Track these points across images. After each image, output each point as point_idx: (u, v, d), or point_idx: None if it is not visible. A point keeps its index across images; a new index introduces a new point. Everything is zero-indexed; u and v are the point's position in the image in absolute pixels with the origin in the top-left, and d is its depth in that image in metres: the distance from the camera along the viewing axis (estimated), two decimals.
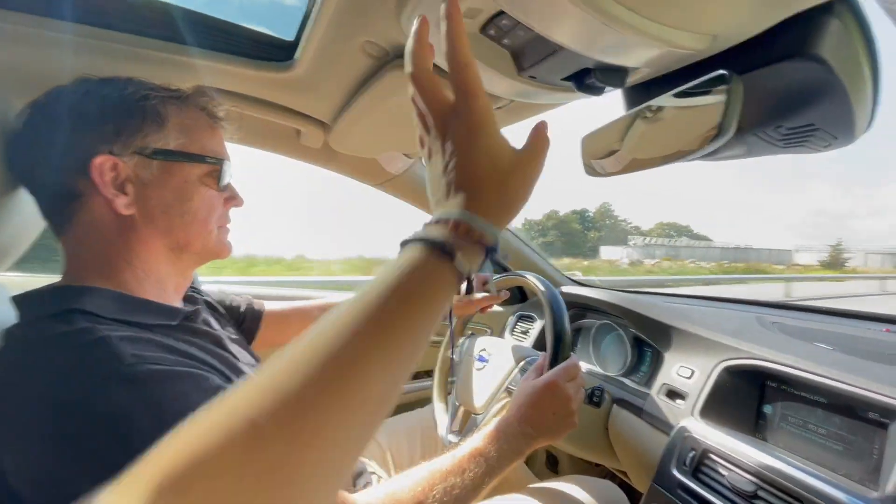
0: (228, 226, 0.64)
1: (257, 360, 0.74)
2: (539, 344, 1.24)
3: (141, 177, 0.54)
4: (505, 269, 1.13)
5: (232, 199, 0.63)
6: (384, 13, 0.50)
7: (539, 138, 0.36)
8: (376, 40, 0.57)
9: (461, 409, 0.96)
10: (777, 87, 0.45)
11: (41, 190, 0.54)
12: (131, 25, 0.66)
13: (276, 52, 0.71)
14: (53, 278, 0.53)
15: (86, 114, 0.53)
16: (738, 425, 0.74)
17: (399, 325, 0.28)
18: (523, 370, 0.86)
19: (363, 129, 0.82)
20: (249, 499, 0.21)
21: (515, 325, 1.37)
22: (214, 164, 0.58)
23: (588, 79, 0.48)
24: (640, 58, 0.44)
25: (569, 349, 0.81)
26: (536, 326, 1.29)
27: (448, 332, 1.12)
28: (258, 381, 0.26)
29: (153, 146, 0.54)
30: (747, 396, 0.76)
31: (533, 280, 0.95)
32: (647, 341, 1.00)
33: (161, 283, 0.57)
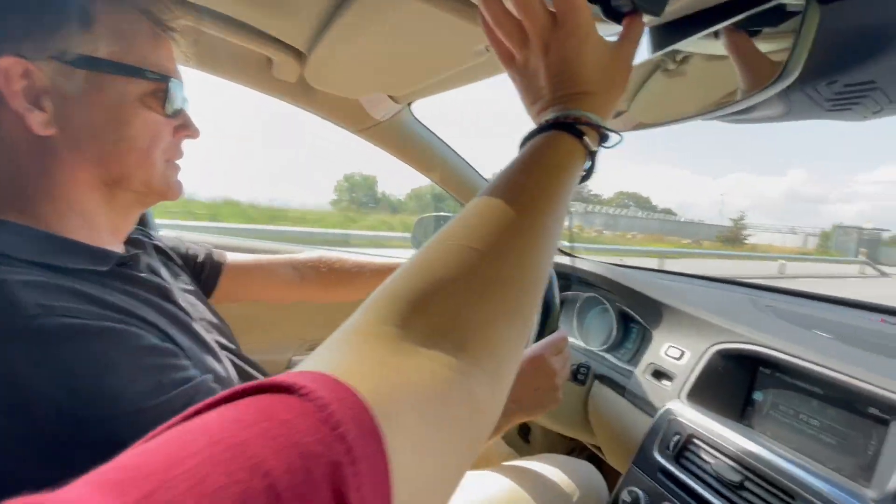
0: (179, 161, 0.54)
1: (216, 314, 0.66)
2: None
3: (62, 89, 0.43)
4: None
5: (184, 128, 0.52)
6: None
7: (632, 29, 0.40)
8: None
9: None
10: (842, 32, 0.37)
11: None
12: None
13: None
14: None
15: None
16: (724, 410, 0.70)
17: (552, 192, 0.33)
18: None
19: (344, 60, 0.71)
20: (473, 308, 0.26)
21: None
22: (158, 81, 0.47)
23: (617, 1, 0.39)
24: None
25: (557, 321, 0.76)
26: None
27: None
28: (464, 220, 0.31)
29: (76, 51, 0.43)
30: (738, 381, 0.73)
31: None
32: (635, 317, 0.96)
33: (90, 222, 0.47)
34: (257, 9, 0.66)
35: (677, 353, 0.79)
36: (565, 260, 1.20)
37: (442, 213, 1.54)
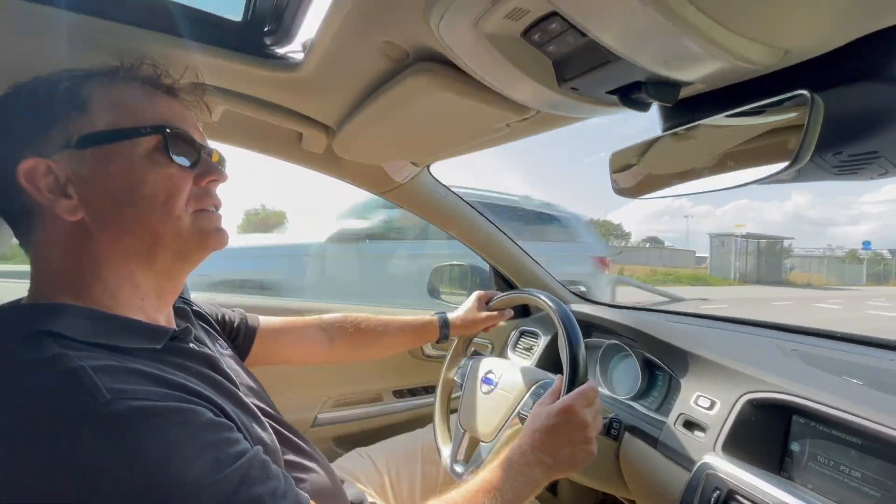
0: (213, 207, 0.54)
1: (254, 378, 0.68)
2: (544, 362, 1.19)
3: (80, 173, 0.46)
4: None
5: (206, 174, 0.52)
6: (410, 12, 0.45)
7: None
8: (397, 41, 0.52)
9: (466, 436, 0.91)
10: (846, 110, 0.41)
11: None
12: (123, 14, 0.60)
13: None
14: None
15: (2, 127, 0.46)
16: (762, 462, 0.70)
17: None
18: (536, 395, 0.80)
19: (372, 135, 0.76)
20: None
21: (518, 340, 1.32)
22: (155, 134, 0.48)
23: (636, 93, 0.43)
24: (701, 71, 0.40)
25: (585, 372, 0.77)
26: (541, 343, 1.24)
27: (449, 353, 1.07)
28: None
29: (78, 134, 0.46)
30: (773, 432, 0.72)
31: (543, 299, 0.90)
32: (661, 365, 0.96)
33: (138, 295, 0.50)
34: (296, 94, 0.72)
35: (707, 403, 0.79)
36: (584, 307, 1.21)
37: (455, 263, 1.57)
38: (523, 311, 1.43)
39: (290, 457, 0.64)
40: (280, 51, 0.65)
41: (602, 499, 1.30)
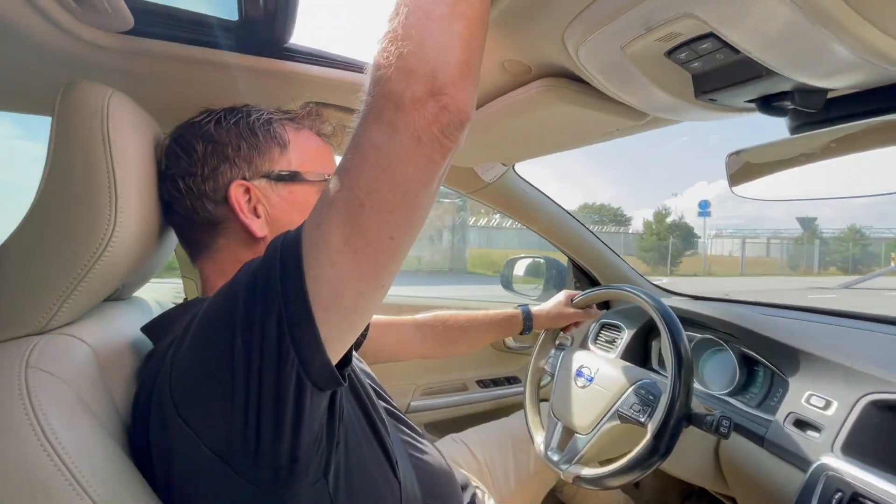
0: None
1: (370, 375, 0.75)
2: (628, 356, 1.19)
3: (270, 199, 0.56)
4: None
5: None
6: (545, 36, 0.48)
7: None
8: (520, 58, 0.54)
9: (560, 425, 0.94)
10: None
11: (183, 221, 0.56)
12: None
13: None
14: None
15: (221, 143, 0.54)
16: (886, 465, 0.67)
17: None
18: (637, 394, 0.82)
19: (474, 140, 0.80)
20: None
21: (599, 333, 1.33)
22: (326, 181, 0.59)
23: (779, 101, 0.43)
24: (856, 79, 0.39)
25: (692, 373, 0.77)
26: (624, 336, 1.24)
27: (538, 343, 1.10)
28: None
29: (278, 169, 0.56)
30: None
31: (640, 295, 0.90)
32: (762, 361, 0.94)
33: None
34: None
35: (822, 403, 0.77)
36: (674, 301, 1.19)
37: (529, 255, 1.59)
38: (604, 303, 1.43)
39: (407, 437, 0.70)
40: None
41: (688, 492, 1.29)
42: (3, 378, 0.40)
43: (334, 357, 0.40)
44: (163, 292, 1.12)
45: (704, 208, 26.53)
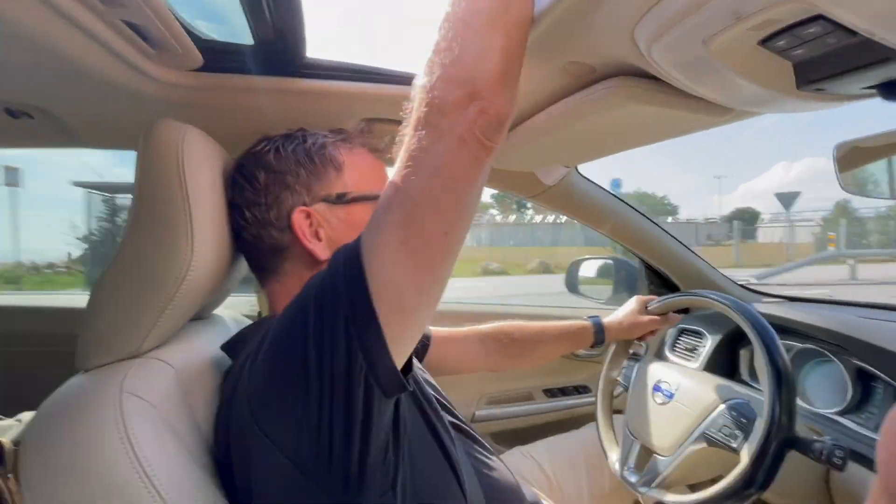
0: None
1: (435, 388, 0.74)
2: (713, 367, 1.09)
3: (330, 222, 0.57)
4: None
5: None
6: (612, 36, 0.43)
7: None
8: (583, 59, 0.50)
9: (637, 443, 0.88)
10: None
11: (251, 247, 0.58)
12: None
13: None
14: None
15: (281, 171, 0.56)
16: None
17: None
18: (728, 416, 0.74)
19: (535, 144, 0.76)
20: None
21: (677, 340, 1.22)
22: None
23: None
24: None
25: (794, 391, 0.68)
26: (707, 344, 1.13)
27: (610, 352, 1.03)
28: None
29: (336, 192, 0.58)
30: None
31: (724, 302, 0.82)
32: (881, 376, 0.81)
33: None
34: None
35: None
36: (769, 308, 1.07)
37: (596, 256, 1.50)
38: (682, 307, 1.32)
39: (477, 453, 0.68)
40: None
41: None
42: (101, 401, 0.44)
43: (399, 360, 0.42)
44: (239, 306, 1.20)
45: (615, 187, 24.23)
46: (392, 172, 0.41)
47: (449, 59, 0.38)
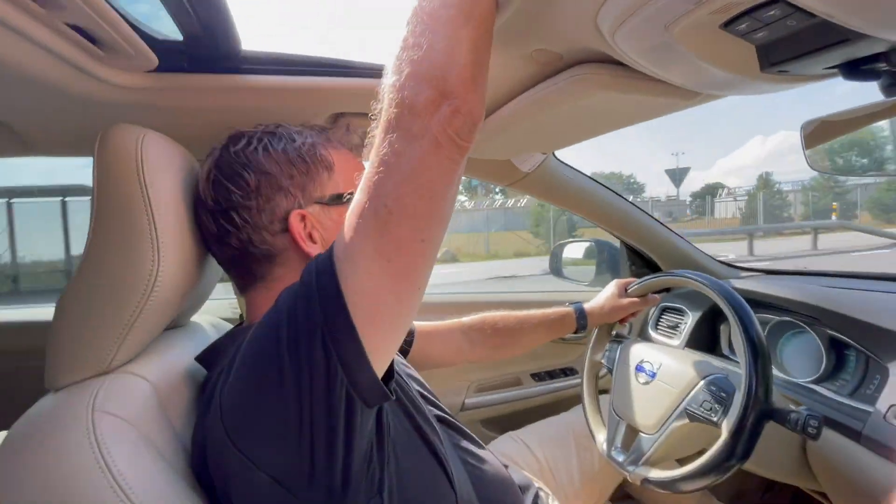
0: None
1: (419, 380, 0.74)
2: (694, 343, 1.11)
3: (324, 223, 0.55)
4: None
5: None
6: (575, 23, 0.42)
7: None
8: (549, 47, 0.49)
9: (623, 423, 0.89)
10: None
11: (236, 252, 0.55)
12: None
13: None
14: None
15: (272, 173, 0.53)
16: None
17: None
18: (708, 391, 0.75)
19: (509, 133, 0.75)
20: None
21: (660, 318, 1.24)
22: None
23: (870, 64, 0.36)
24: None
25: (769, 365, 0.69)
26: (688, 321, 1.15)
27: (593, 336, 1.05)
28: None
29: (329, 193, 0.56)
30: None
31: (697, 280, 0.83)
32: (853, 345, 0.84)
33: None
34: None
35: None
36: (745, 284, 1.09)
37: (578, 239, 1.52)
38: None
39: (465, 444, 0.69)
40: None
41: (770, 482, 1.20)
42: (72, 422, 0.43)
43: (379, 370, 0.41)
44: (220, 311, 1.18)
45: None
46: (364, 175, 0.39)
47: (418, 55, 0.36)
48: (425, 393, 0.73)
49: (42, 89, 0.55)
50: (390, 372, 0.44)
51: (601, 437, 0.94)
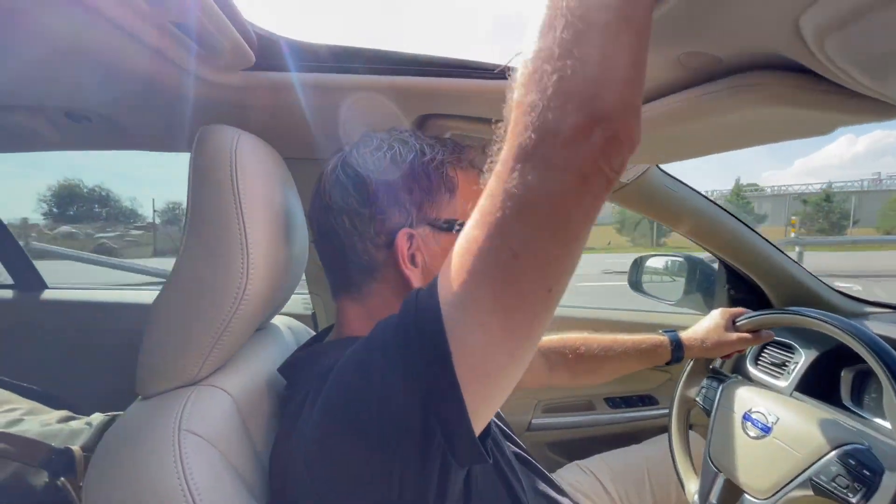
0: None
1: (499, 415, 0.69)
2: (804, 387, 0.96)
3: (430, 248, 0.50)
4: None
5: None
6: (763, 18, 0.33)
7: None
8: (708, 50, 0.40)
9: (721, 477, 0.78)
10: None
11: (338, 254, 0.52)
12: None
13: None
14: None
15: (393, 184, 0.49)
16: None
17: None
18: (843, 462, 0.63)
19: None
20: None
21: (761, 352, 1.09)
22: None
23: None
24: None
25: None
26: (799, 361, 0.99)
27: (687, 368, 0.93)
28: None
29: (444, 217, 0.50)
30: None
31: (841, 326, 0.69)
32: None
33: None
34: None
35: None
36: (877, 326, 0.92)
37: (664, 254, 1.37)
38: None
39: (543, 488, 0.63)
40: None
41: None
42: (160, 441, 0.42)
43: (479, 429, 0.36)
44: (293, 305, 1.19)
45: None
46: (481, 208, 0.32)
47: (567, 69, 0.28)
48: (502, 426, 0.68)
49: (143, 85, 0.54)
50: (487, 430, 0.38)
51: (692, 486, 0.84)
